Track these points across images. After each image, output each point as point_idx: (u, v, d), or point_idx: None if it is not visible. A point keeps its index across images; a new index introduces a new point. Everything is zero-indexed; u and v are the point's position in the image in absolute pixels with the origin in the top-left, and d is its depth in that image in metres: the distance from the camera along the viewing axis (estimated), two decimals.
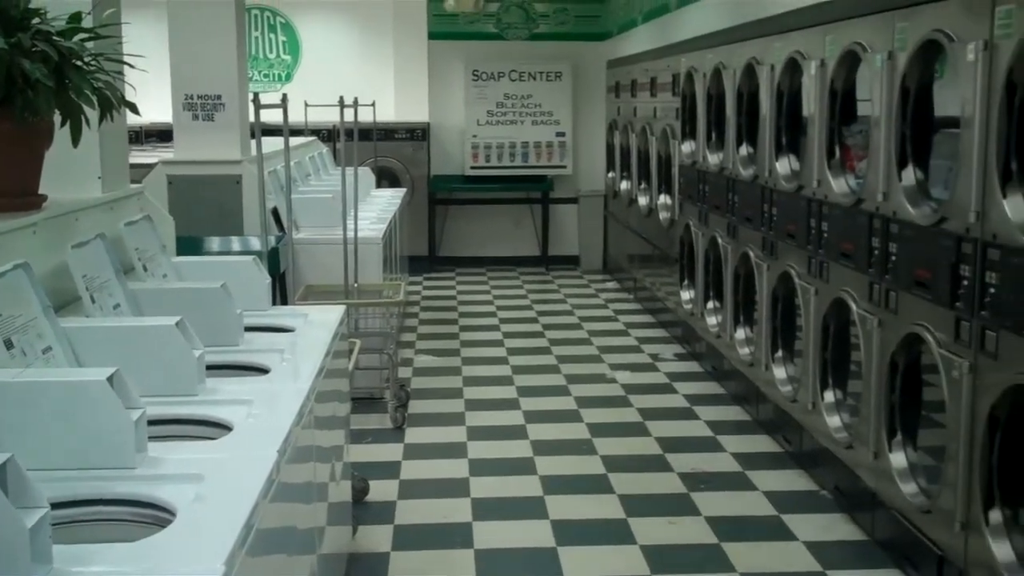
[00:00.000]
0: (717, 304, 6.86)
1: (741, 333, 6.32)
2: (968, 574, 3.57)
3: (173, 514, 2.09)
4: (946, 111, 3.78)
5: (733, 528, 4.57)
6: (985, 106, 3.39)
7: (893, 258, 4.12)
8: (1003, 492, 3.44)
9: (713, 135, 6.89)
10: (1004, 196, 3.31)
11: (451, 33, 11.64)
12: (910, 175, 4.04)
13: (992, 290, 3.38)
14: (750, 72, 5.98)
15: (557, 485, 5.08)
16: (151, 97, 5.38)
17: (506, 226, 11.87)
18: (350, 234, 6.19)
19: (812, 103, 4.99)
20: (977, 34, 3.43)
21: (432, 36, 11.66)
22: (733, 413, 6.21)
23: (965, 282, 3.55)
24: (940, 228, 3.72)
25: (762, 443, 5.66)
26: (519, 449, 5.61)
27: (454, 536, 4.51)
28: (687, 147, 7.58)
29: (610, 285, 10.61)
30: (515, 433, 5.88)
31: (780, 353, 5.65)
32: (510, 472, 5.28)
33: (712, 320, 6.91)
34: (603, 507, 4.82)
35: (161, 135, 9.71)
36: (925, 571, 3.88)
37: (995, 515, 3.44)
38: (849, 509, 4.64)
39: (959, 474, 3.59)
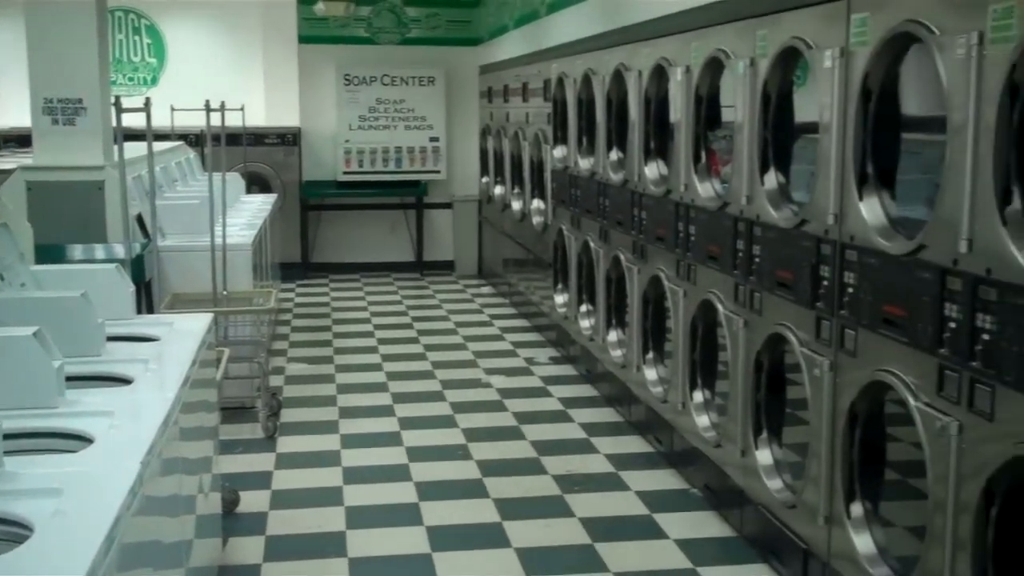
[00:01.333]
0: (590, 307, 6.94)
1: (613, 336, 6.40)
2: (831, 566, 3.67)
3: (31, 530, 2.02)
4: (810, 116, 3.88)
5: (606, 528, 4.62)
6: (842, 111, 3.50)
7: (757, 260, 4.22)
8: (863, 486, 3.55)
9: (584, 140, 6.97)
10: (860, 199, 3.42)
11: (322, 37, 11.53)
12: (772, 179, 4.14)
13: (850, 290, 3.49)
14: (619, 78, 6.06)
15: (432, 491, 5.06)
16: (9, 101, 5.22)
17: (380, 232, 11.80)
18: (218, 240, 6.07)
19: (678, 109, 5.08)
20: (834, 41, 3.53)
21: (303, 40, 11.53)
22: (606, 415, 6.28)
23: (825, 282, 3.66)
24: (801, 230, 3.82)
25: (634, 444, 5.74)
26: (393, 456, 5.58)
27: (327, 545, 4.46)
28: (559, 152, 7.65)
29: (485, 290, 10.64)
30: (389, 440, 5.85)
31: (651, 355, 5.74)
32: (384, 479, 5.24)
33: (585, 323, 6.98)
34: (478, 511, 4.82)
35: (20, 140, 9.39)
36: (791, 565, 3.98)
37: (856, 508, 3.55)
38: (718, 506, 4.74)
39: (822, 469, 3.70)
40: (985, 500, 2.80)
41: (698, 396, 5.03)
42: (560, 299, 7.66)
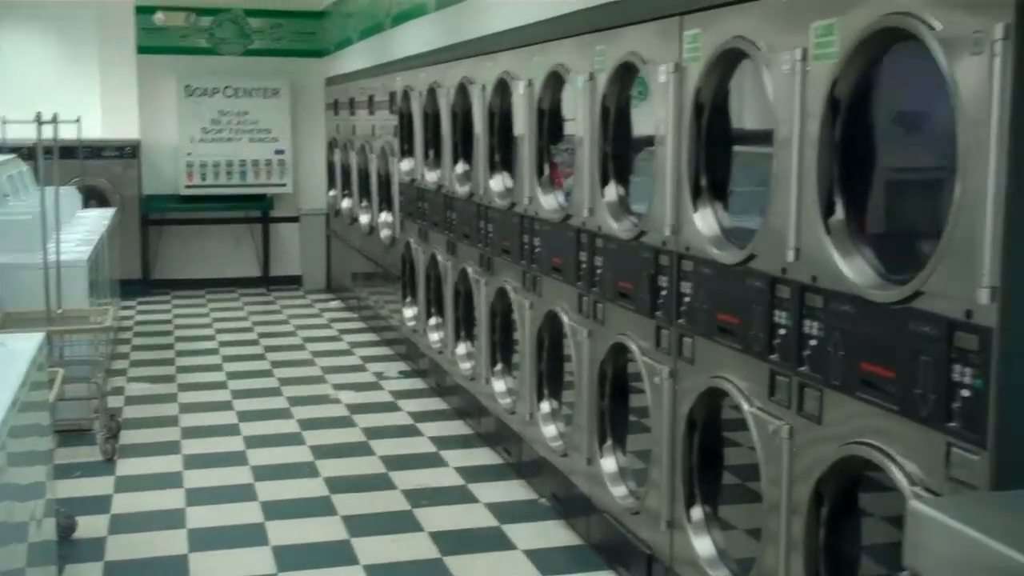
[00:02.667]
0: (439, 320, 6.93)
1: (462, 348, 6.41)
2: (674, 570, 3.75)
3: None
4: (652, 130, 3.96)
5: (455, 541, 4.62)
6: (677, 125, 3.58)
7: (599, 271, 4.29)
8: (703, 490, 3.63)
9: (431, 153, 6.97)
10: (695, 211, 3.51)
11: (162, 47, 11.25)
12: (612, 191, 4.21)
13: (687, 299, 3.58)
14: (463, 91, 6.09)
15: (278, 510, 4.97)
16: None
17: (225, 246, 11.56)
18: (52, 257, 5.86)
19: (521, 122, 5.13)
20: (668, 57, 3.62)
21: (142, 50, 11.22)
22: (456, 428, 6.28)
23: (664, 292, 3.74)
24: (640, 241, 3.90)
25: (484, 456, 5.75)
26: (239, 476, 5.46)
27: (168, 570, 4.34)
28: (406, 165, 7.63)
29: (334, 304, 10.53)
30: (234, 459, 5.72)
31: (499, 367, 5.76)
32: (229, 500, 5.12)
33: (435, 336, 6.98)
34: (326, 529, 4.76)
35: None
36: (636, 570, 4.05)
37: (696, 512, 3.64)
38: (566, 515, 4.79)
39: (663, 475, 3.77)
40: (815, 500, 2.90)
41: (545, 407, 5.07)
42: (409, 312, 7.64)
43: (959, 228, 2.31)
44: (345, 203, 10.06)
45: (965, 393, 2.32)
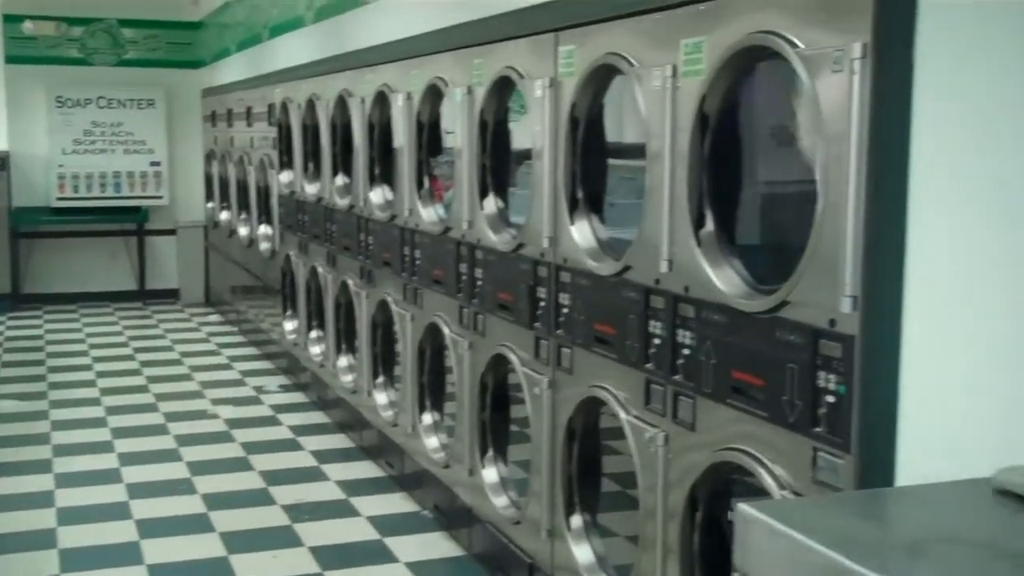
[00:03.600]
0: (320, 333, 6.88)
1: (344, 361, 6.37)
2: None
3: None
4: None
5: (336, 556, 4.58)
6: (553, 139, 3.63)
7: (479, 283, 4.31)
8: (583, 499, 3.68)
9: (310, 165, 6.91)
10: (572, 223, 3.56)
11: (31, 57, 10.94)
12: (491, 204, 4.25)
13: (565, 310, 3.62)
14: (342, 103, 6.07)
15: (154, 528, 4.87)
16: None
17: (100, 260, 11.28)
18: None
19: (401, 135, 5.13)
20: (544, 72, 3.67)
21: (9, 60, 10.90)
22: (338, 441, 6.24)
23: (542, 303, 3.78)
24: (519, 253, 3.94)
25: (366, 469, 5.73)
26: (113, 494, 5.33)
27: None
28: (285, 177, 7.55)
29: (213, 318, 10.36)
30: (108, 477, 5.59)
31: (381, 379, 5.74)
32: (102, 519, 5.00)
33: (316, 349, 6.92)
34: (203, 547, 4.68)
35: None
36: None
37: (576, 520, 3.68)
38: (448, 526, 4.80)
39: (543, 485, 3.81)
40: (690, 506, 2.96)
41: (427, 418, 5.08)
42: (289, 326, 7.56)
43: (822, 239, 2.39)
44: (223, 215, 9.91)
45: (830, 399, 2.41)
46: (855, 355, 2.33)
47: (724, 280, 2.79)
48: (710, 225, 2.88)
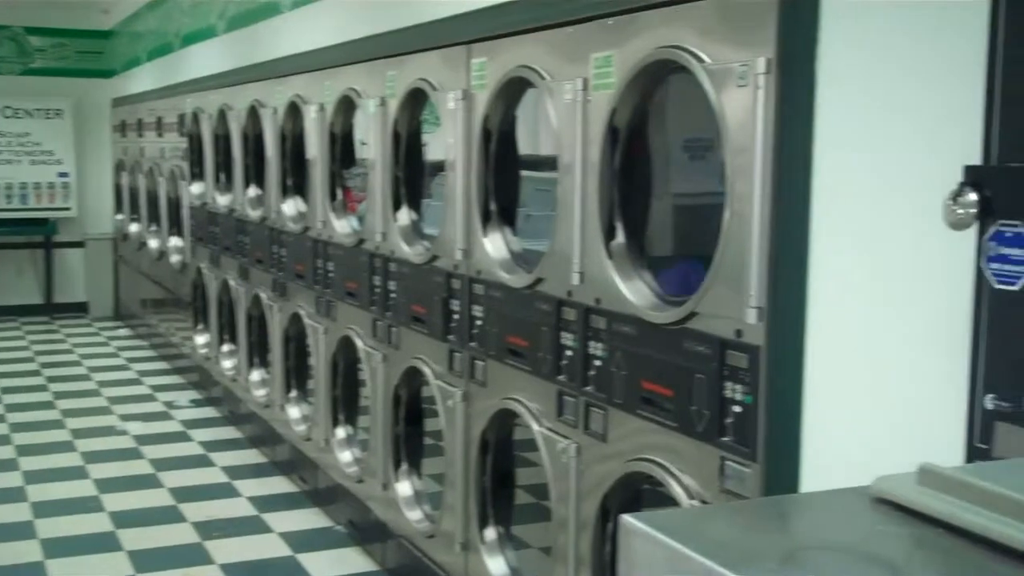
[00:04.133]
0: (232, 347, 6.79)
1: (256, 375, 6.29)
2: None
3: None
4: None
5: (248, 573, 4.52)
6: (466, 151, 3.63)
7: (393, 295, 4.29)
8: (496, 511, 3.68)
9: (222, 176, 6.83)
10: (485, 235, 3.56)
11: None
12: (405, 216, 4.24)
13: (479, 322, 3.62)
14: (254, 114, 6.00)
15: (60, 548, 4.76)
16: None
17: (6, 274, 11.00)
18: None
19: (314, 146, 5.09)
20: (456, 84, 3.67)
21: None
22: (250, 456, 6.16)
23: (456, 316, 3.78)
24: (432, 265, 3.93)
25: (279, 484, 5.66)
26: (17, 513, 5.19)
27: None
28: (196, 188, 7.45)
29: (122, 332, 10.16)
30: (12, 496, 5.44)
31: (294, 393, 5.68)
32: (6, 539, 4.87)
33: (228, 363, 6.82)
34: (111, 566, 4.58)
35: None
36: None
37: (490, 533, 3.68)
38: (362, 541, 4.76)
39: (457, 498, 3.80)
40: (602, 516, 2.97)
41: (340, 432, 5.03)
42: (201, 339, 7.45)
43: (728, 251, 2.43)
44: (133, 227, 9.73)
45: (736, 409, 2.44)
46: (760, 365, 2.36)
47: (634, 292, 2.81)
48: (620, 237, 2.90)
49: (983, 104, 1.75)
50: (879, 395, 2.14)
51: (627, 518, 0.88)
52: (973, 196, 1.70)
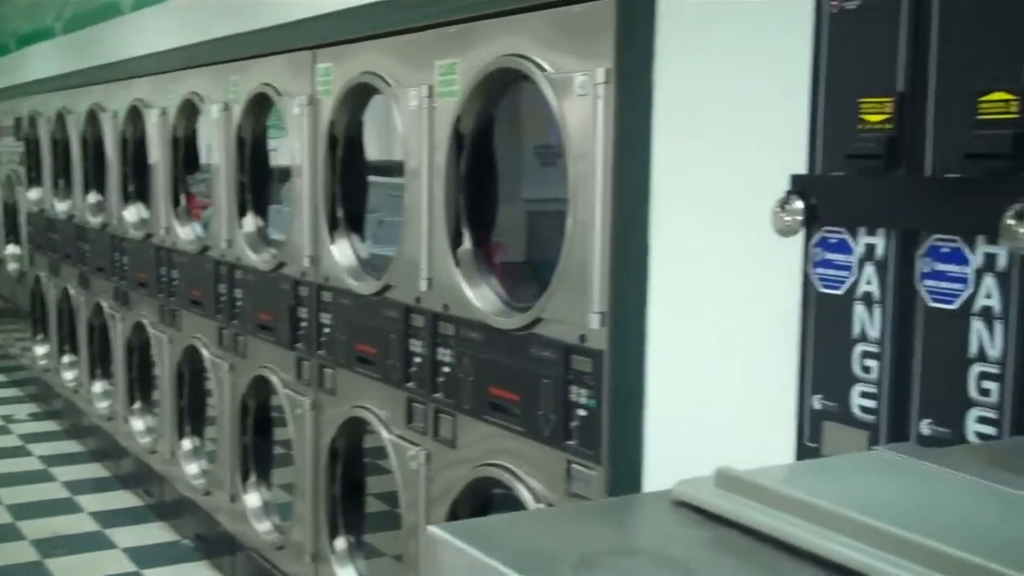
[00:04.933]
0: (74, 358, 6.57)
1: (99, 387, 6.11)
2: None
3: None
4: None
5: None
6: (312, 157, 3.59)
7: (239, 303, 4.22)
8: (346, 520, 3.65)
9: (60, 182, 6.60)
10: (332, 242, 3.53)
11: None
12: (250, 222, 4.17)
13: (327, 330, 3.59)
14: (94, 118, 5.83)
15: None
16: None
17: None
18: None
19: (156, 151, 4.97)
20: (302, 90, 3.63)
21: None
22: (93, 470, 5.97)
23: (304, 323, 3.73)
24: (279, 273, 3.87)
25: (123, 499, 5.50)
26: None
27: None
28: (34, 194, 7.19)
29: None
30: None
31: (138, 405, 5.54)
32: None
33: (69, 375, 6.60)
34: None
35: None
36: None
37: (340, 543, 3.65)
38: (210, 555, 4.66)
39: (307, 508, 3.75)
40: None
41: (187, 444, 4.92)
42: (41, 350, 7.18)
43: (572, 257, 2.46)
44: None
45: (581, 413, 2.47)
46: (604, 369, 2.40)
47: (481, 298, 2.83)
48: (467, 243, 2.91)
49: (808, 114, 1.82)
50: (717, 397, 2.19)
51: (432, 528, 0.88)
52: (799, 204, 1.76)
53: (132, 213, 5.40)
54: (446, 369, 2.97)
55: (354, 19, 3.36)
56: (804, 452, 1.86)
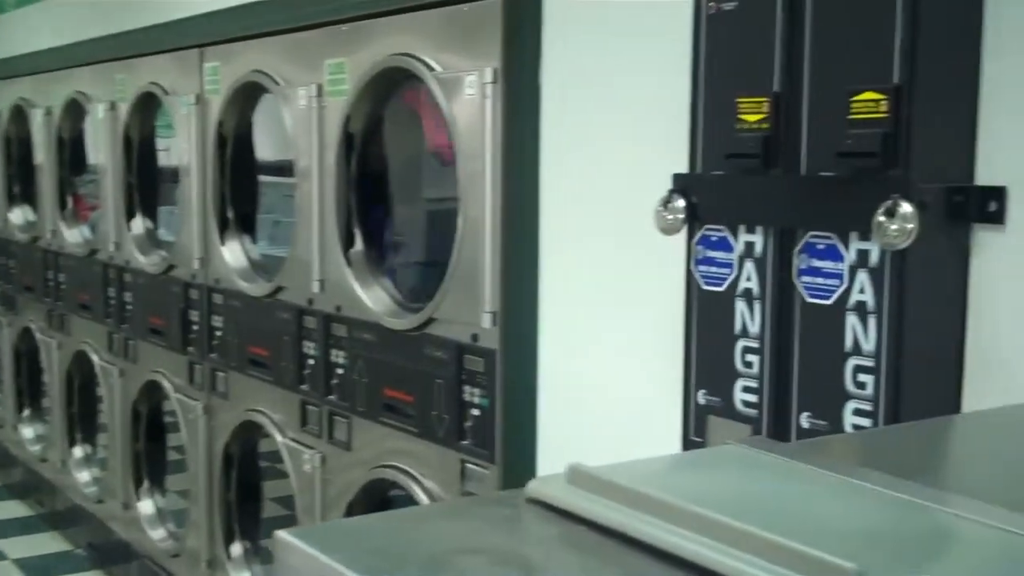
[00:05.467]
0: None
1: None
2: None
3: None
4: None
5: None
6: (201, 157, 3.53)
7: (129, 307, 4.14)
8: (242, 526, 3.60)
9: None
10: (223, 243, 3.47)
11: None
12: (139, 224, 4.09)
13: (219, 333, 3.53)
14: None
15: None
16: None
17: None
18: None
19: (41, 152, 4.84)
20: (189, 89, 3.57)
21: None
22: None
23: (195, 327, 3.67)
24: (169, 275, 3.81)
25: (13, 509, 5.35)
26: None
27: None
28: None
29: None
30: None
31: (27, 412, 5.39)
32: None
33: None
34: None
35: None
36: None
37: (236, 548, 3.59)
38: (103, 564, 4.56)
39: (202, 514, 3.69)
40: None
41: (78, 451, 4.81)
42: None
43: (463, 256, 2.46)
44: None
45: (475, 412, 2.47)
46: (496, 368, 2.40)
47: (373, 299, 2.81)
48: (359, 244, 2.89)
49: (688, 114, 1.84)
50: (607, 393, 2.21)
51: (280, 533, 0.88)
52: (681, 202, 1.79)
53: (18, 215, 5.26)
54: (340, 371, 2.94)
55: (241, 17, 3.31)
56: (690, 447, 1.88)
